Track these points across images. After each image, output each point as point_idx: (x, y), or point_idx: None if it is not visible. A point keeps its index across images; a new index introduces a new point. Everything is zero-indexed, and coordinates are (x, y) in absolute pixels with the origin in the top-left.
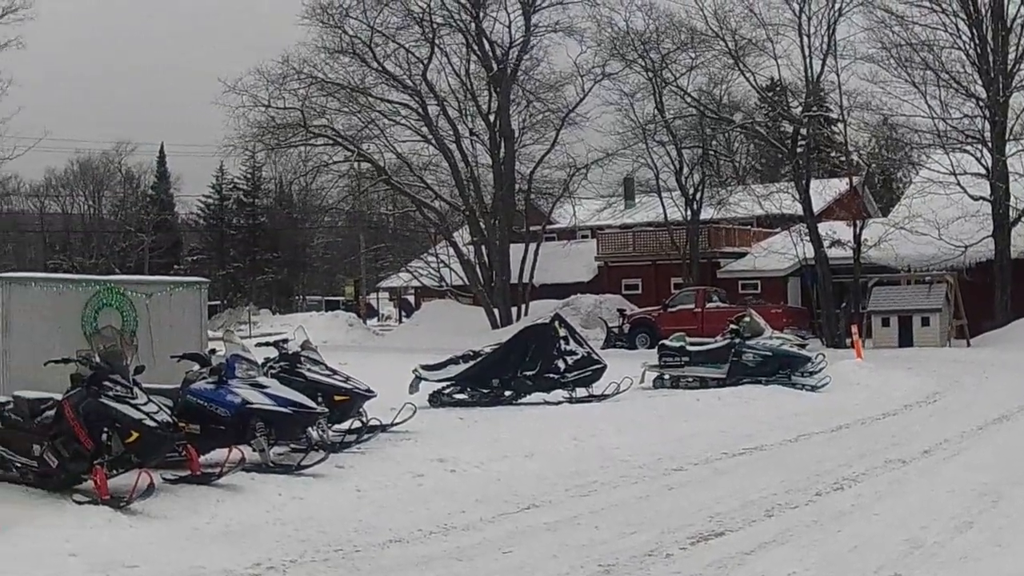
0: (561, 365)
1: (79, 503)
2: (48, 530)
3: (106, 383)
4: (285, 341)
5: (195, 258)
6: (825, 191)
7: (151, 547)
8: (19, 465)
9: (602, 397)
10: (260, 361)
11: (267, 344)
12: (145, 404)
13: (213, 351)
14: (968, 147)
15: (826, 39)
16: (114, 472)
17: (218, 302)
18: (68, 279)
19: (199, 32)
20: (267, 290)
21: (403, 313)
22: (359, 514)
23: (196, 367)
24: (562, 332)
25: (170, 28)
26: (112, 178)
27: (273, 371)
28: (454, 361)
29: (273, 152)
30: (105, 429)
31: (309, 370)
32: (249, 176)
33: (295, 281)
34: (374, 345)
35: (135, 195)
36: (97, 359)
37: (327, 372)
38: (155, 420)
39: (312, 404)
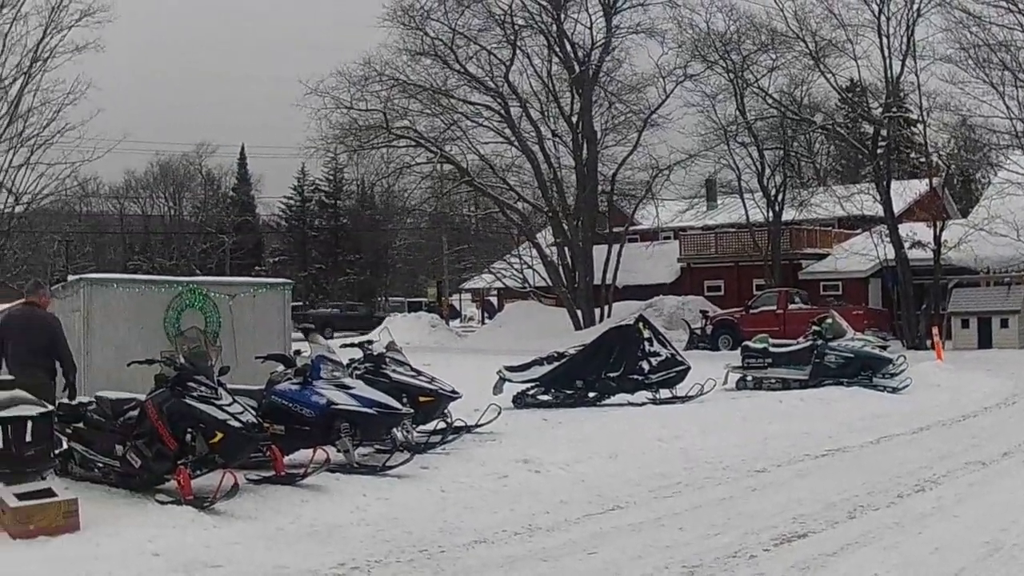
0: (645, 366)
1: (162, 503)
2: (131, 530)
3: (190, 384)
4: (370, 342)
5: (277, 259)
6: (905, 192)
7: (235, 547)
8: (101, 465)
9: (686, 398)
10: (345, 362)
11: (352, 345)
12: (230, 405)
13: (298, 352)
14: None
15: (905, 40)
16: (198, 472)
17: (300, 303)
18: (150, 280)
19: (279, 34)
20: (349, 291)
21: (486, 314)
22: (444, 515)
23: (281, 368)
24: (646, 333)
25: (249, 31)
26: (192, 180)
27: (358, 372)
28: (538, 362)
29: (355, 154)
30: (189, 429)
31: (394, 371)
32: (331, 178)
33: (378, 282)
34: (457, 346)
35: (216, 197)
36: (181, 360)
37: (412, 373)
38: (240, 420)
39: (397, 405)
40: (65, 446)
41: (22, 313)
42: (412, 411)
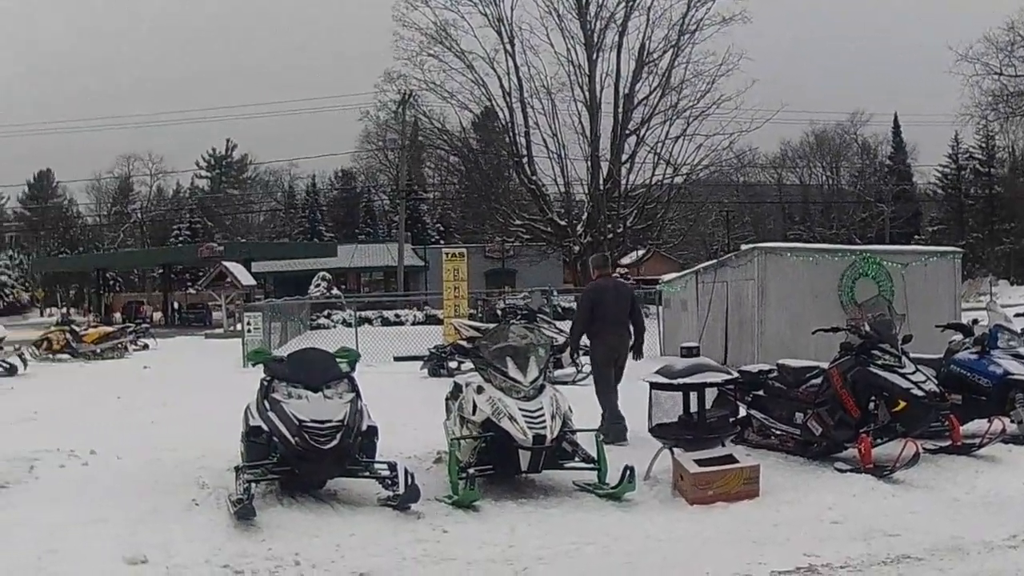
0: None
1: (841, 471)
2: (810, 497)
3: (875, 352)
4: None
5: (935, 228)
6: None
7: (911, 516)
8: (778, 432)
9: None
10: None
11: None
12: (913, 373)
13: (976, 321)
14: None
15: None
16: (879, 441)
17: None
18: (823, 249)
19: None
20: (1004, 260)
21: None
22: None
23: (959, 337)
24: None
25: None
26: (848, 148)
27: None
28: None
29: (1006, 120)
30: (872, 397)
31: None
32: (983, 145)
33: None
34: None
35: (872, 165)
36: (867, 328)
37: None
38: (922, 389)
39: None
40: (743, 413)
41: (608, 283)
42: None
